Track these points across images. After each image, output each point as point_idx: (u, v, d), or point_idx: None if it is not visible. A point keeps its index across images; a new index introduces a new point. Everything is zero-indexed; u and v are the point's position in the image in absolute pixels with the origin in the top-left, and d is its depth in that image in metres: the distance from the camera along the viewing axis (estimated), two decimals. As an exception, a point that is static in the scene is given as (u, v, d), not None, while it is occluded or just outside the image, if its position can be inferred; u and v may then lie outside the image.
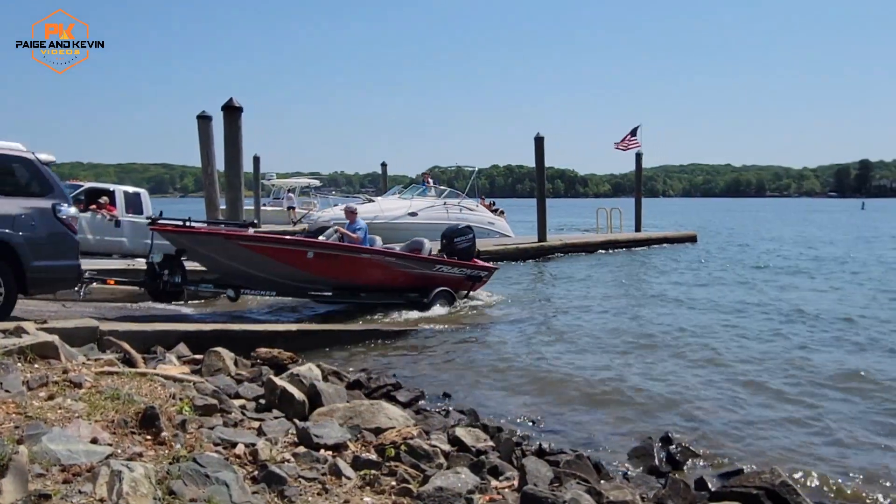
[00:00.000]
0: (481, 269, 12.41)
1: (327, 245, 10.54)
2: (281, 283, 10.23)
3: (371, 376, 6.99)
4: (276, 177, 39.92)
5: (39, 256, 7.33)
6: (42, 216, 7.40)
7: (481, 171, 26.43)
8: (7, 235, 7.07)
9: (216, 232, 9.99)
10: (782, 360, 8.34)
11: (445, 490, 3.58)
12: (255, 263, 9.80)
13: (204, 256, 10.01)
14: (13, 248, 7.13)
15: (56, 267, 7.56)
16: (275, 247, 10.01)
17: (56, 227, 7.53)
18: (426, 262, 11.57)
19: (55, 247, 7.51)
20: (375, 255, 11.01)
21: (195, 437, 4.08)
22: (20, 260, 7.17)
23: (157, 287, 9.95)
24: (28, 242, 7.22)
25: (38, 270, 7.34)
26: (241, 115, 13.48)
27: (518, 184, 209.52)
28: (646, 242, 25.13)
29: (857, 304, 12.53)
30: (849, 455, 5.32)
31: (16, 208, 7.22)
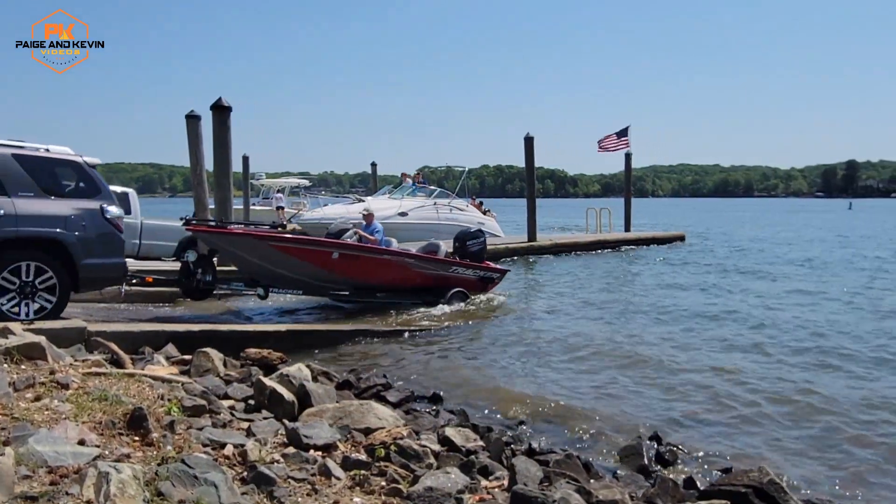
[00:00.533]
0: (493, 271, 12.94)
1: (351, 246, 11.02)
2: (307, 282, 10.67)
3: (361, 376, 6.99)
4: (265, 176, 39.79)
5: (90, 255, 7.70)
6: (91, 216, 7.79)
7: (471, 171, 26.43)
8: (60, 235, 7.47)
9: (249, 233, 10.40)
10: (770, 360, 8.39)
11: (435, 490, 3.58)
12: (283, 263, 10.24)
13: (236, 256, 10.42)
14: (66, 247, 7.52)
15: (105, 265, 7.93)
16: (302, 248, 10.45)
17: (104, 227, 7.91)
18: (443, 264, 12.03)
19: (104, 246, 7.89)
20: (395, 257, 11.47)
21: (184, 438, 4.06)
22: (72, 258, 7.55)
23: (190, 285, 10.25)
24: (79, 241, 7.60)
25: (88, 268, 7.70)
26: (231, 115, 13.43)
27: (508, 184, 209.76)
28: (635, 242, 25.20)
29: (843, 310, 12.62)
30: (837, 453, 5.35)
31: (67, 209, 7.63)
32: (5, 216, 7.16)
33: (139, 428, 3.96)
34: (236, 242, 10.11)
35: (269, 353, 7.21)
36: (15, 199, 7.28)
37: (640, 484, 4.64)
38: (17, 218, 7.24)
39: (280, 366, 6.80)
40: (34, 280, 7.33)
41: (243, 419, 4.95)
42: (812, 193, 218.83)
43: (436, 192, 23.01)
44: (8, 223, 7.16)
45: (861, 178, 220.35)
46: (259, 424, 4.72)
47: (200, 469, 3.38)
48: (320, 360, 7.94)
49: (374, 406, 5.25)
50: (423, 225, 21.08)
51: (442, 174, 29.73)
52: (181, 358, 6.80)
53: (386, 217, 20.39)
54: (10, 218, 7.18)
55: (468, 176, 25.47)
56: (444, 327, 10.15)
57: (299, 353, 8.00)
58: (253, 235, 10.27)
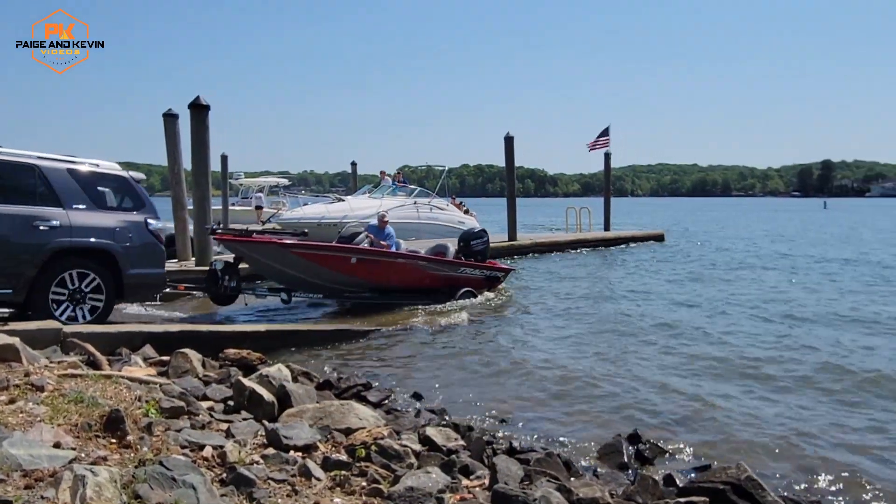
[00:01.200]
0: (499, 271, 13.54)
1: (368, 251, 11.62)
2: (327, 286, 11.24)
3: (341, 376, 6.96)
4: (244, 176, 39.47)
5: (135, 265, 8.23)
6: (136, 229, 8.33)
7: (452, 170, 26.39)
8: (109, 245, 8.01)
9: (273, 241, 10.87)
10: (747, 357, 8.47)
11: (416, 490, 3.58)
12: (306, 269, 10.84)
13: (261, 263, 10.97)
14: (114, 257, 8.05)
15: (148, 274, 8.46)
16: (323, 254, 11.01)
17: (148, 239, 8.45)
18: (452, 265, 12.62)
19: (147, 256, 8.42)
20: (409, 260, 12.08)
21: (161, 440, 4.02)
22: (119, 268, 8.08)
23: (218, 291, 10.66)
24: (126, 252, 8.13)
25: (133, 278, 8.22)
26: (209, 114, 13.32)
27: (488, 183, 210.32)
28: (615, 241, 25.35)
29: (824, 302, 12.77)
30: (814, 450, 5.41)
31: (114, 221, 8.17)
32: (61, 227, 7.67)
33: (116, 430, 3.91)
34: (261, 250, 10.69)
35: (248, 354, 7.15)
36: (69, 211, 7.79)
37: (620, 481, 4.66)
38: (72, 229, 7.75)
39: (260, 366, 6.76)
40: (81, 286, 7.86)
41: (222, 420, 4.90)
42: (788, 193, 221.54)
43: (416, 191, 22.97)
44: (63, 233, 7.68)
45: (836, 177, 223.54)
46: (238, 425, 4.67)
47: (179, 471, 3.34)
48: (300, 360, 7.90)
49: (354, 406, 5.22)
50: (403, 224, 21.00)
51: (422, 174, 29.69)
52: (159, 359, 6.73)
53: (366, 216, 20.35)
54: (65, 228, 7.70)
55: (448, 175, 25.45)
56: (426, 327, 10.14)
57: (279, 354, 7.96)
58: (277, 243, 10.72)
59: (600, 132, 27.64)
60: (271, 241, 10.85)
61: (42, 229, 7.58)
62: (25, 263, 7.48)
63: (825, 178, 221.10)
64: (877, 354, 8.58)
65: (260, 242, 10.75)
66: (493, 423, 5.96)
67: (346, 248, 11.44)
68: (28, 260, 7.50)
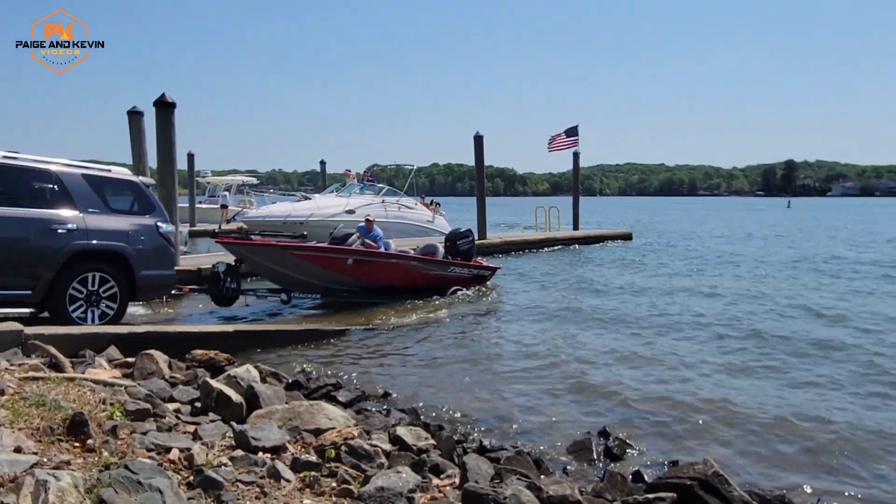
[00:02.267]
0: (485, 269, 14.09)
1: (364, 252, 12.10)
2: (325, 286, 11.74)
3: (310, 377, 6.91)
4: (211, 174, 39.05)
5: (147, 267, 8.49)
6: (148, 232, 8.58)
7: (421, 169, 26.38)
8: (123, 248, 8.25)
9: (273, 243, 11.32)
10: (713, 355, 8.60)
11: (387, 490, 3.56)
12: (305, 270, 11.37)
13: (261, 265, 11.38)
14: (127, 259, 8.29)
15: (159, 276, 8.73)
16: (321, 255, 11.55)
17: (159, 242, 8.71)
18: (442, 265, 13.13)
19: (158, 259, 8.68)
20: (402, 261, 12.62)
21: (127, 443, 3.94)
22: (132, 269, 8.32)
23: (220, 293, 11.00)
24: (138, 254, 8.38)
25: (145, 279, 8.50)
26: (175, 111, 13.12)
27: (458, 182, 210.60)
28: (584, 240, 25.55)
29: (790, 308, 13.01)
30: (779, 444, 5.51)
31: (127, 225, 8.42)
32: (78, 230, 7.90)
33: (79, 434, 3.83)
34: (262, 252, 11.14)
35: (215, 355, 7.06)
36: (85, 214, 8.03)
37: (589, 478, 4.70)
38: (88, 232, 7.99)
39: (227, 367, 6.68)
40: (98, 289, 8.10)
41: (189, 422, 4.84)
42: (753, 192, 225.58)
43: (384, 190, 22.94)
44: (80, 236, 7.92)
45: (799, 177, 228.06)
46: (206, 427, 4.61)
47: (144, 474, 3.28)
48: (269, 360, 7.83)
49: (324, 406, 5.19)
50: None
51: (392, 172, 29.62)
52: (124, 360, 6.61)
53: (333, 215, 20.27)
54: (82, 232, 7.94)
55: (417, 174, 25.44)
56: (396, 326, 10.12)
57: (247, 354, 7.88)
58: (278, 246, 11.22)
59: (566, 130, 27.79)
60: (272, 243, 11.27)
61: (60, 232, 7.79)
62: (44, 265, 7.69)
63: (788, 177, 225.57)
64: (851, 346, 8.76)
65: (261, 245, 11.19)
66: (464, 422, 5.96)
67: (344, 250, 11.89)
68: (47, 262, 7.70)
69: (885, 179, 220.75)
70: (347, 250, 11.93)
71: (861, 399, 6.72)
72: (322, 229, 18.72)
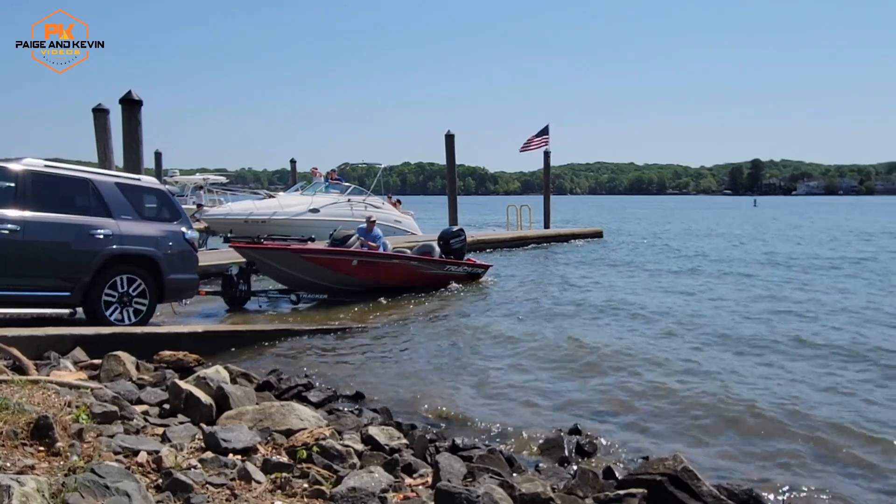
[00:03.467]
0: (478, 267, 14.75)
1: (368, 254, 12.77)
2: (330, 286, 12.26)
3: (281, 377, 6.85)
4: (179, 173, 38.55)
5: (174, 270, 8.89)
6: (175, 237, 9.00)
7: (393, 168, 26.35)
8: (153, 253, 8.67)
9: (283, 247, 11.96)
10: (680, 352, 8.70)
11: (359, 490, 3.54)
12: (312, 272, 11.99)
13: (272, 267, 11.97)
14: (156, 263, 8.69)
15: (185, 279, 9.15)
16: (329, 258, 12.21)
17: (184, 247, 9.12)
18: (439, 264, 13.84)
19: (184, 263, 9.10)
20: (403, 261, 13.34)
21: (93, 447, 3.87)
22: (161, 273, 8.71)
23: (233, 295, 11.56)
24: (167, 259, 8.79)
25: (173, 282, 8.90)
26: (141, 109, 12.92)
27: (429, 181, 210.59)
28: (555, 239, 25.70)
29: (751, 302, 13.21)
30: (747, 440, 5.60)
31: (157, 231, 8.84)
32: (112, 235, 8.32)
33: (44, 437, 3.75)
34: (273, 256, 11.76)
35: (184, 356, 6.97)
36: (119, 221, 8.45)
37: (561, 476, 4.72)
38: (122, 237, 8.40)
39: (197, 368, 6.59)
40: (129, 290, 8.50)
41: (158, 424, 4.77)
42: (720, 191, 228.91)
43: (350, 188, 22.83)
44: (114, 241, 8.33)
45: (765, 176, 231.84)
46: (175, 429, 4.55)
47: (112, 478, 3.22)
48: (239, 361, 7.76)
49: (295, 407, 5.15)
50: (335, 222, 20.87)
51: (362, 171, 29.53)
52: (90, 362, 6.49)
53: (297, 213, 20.14)
54: (116, 237, 8.35)
55: (387, 173, 25.36)
56: (368, 326, 10.08)
57: (218, 355, 7.79)
58: (289, 249, 11.86)
59: (538, 132, 27.96)
60: (284, 247, 11.96)
61: (97, 237, 8.22)
62: (83, 268, 8.10)
63: (755, 176, 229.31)
64: (815, 341, 8.92)
65: (273, 249, 11.82)
66: (437, 421, 5.96)
67: (349, 252, 12.53)
68: (85, 265, 8.11)
69: (848, 178, 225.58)
70: (352, 252, 12.57)
71: (827, 394, 6.85)
72: (285, 228, 18.59)
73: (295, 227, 18.93)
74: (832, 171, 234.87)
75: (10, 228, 7.55)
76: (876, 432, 5.72)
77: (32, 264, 7.77)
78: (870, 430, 5.76)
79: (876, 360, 8.18)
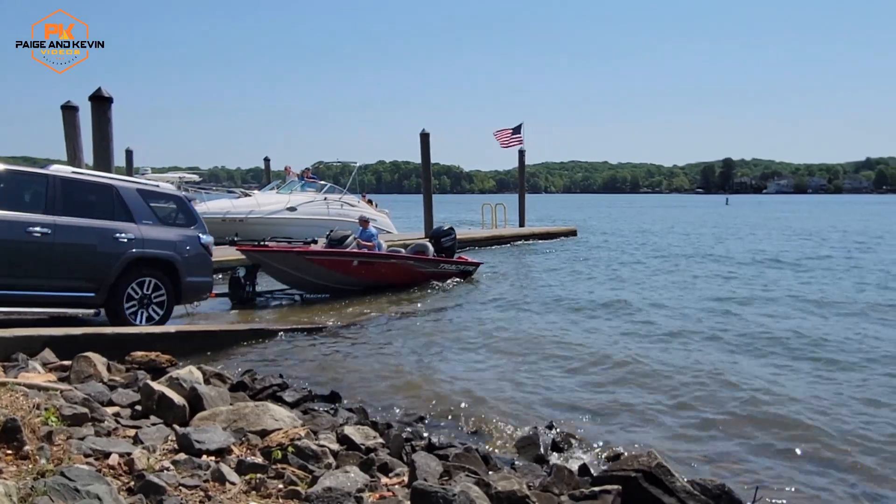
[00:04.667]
0: (469, 265, 15.37)
1: (368, 255, 13.28)
2: (331, 286, 12.79)
3: (256, 377, 6.79)
4: (150, 171, 38.04)
5: (191, 273, 9.25)
6: (192, 242, 9.36)
7: (368, 166, 26.25)
8: (172, 257, 9.04)
9: (288, 249, 12.40)
10: (653, 349, 8.78)
11: (335, 490, 3.52)
12: (315, 273, 12.49)
13: (277, 269, 12.44)
14: (175, 266, 9.04)
15: (201, 282, 9.51)
16: (330, 259, 12.69)
17: (200, 250, 9.46)
18: (433, 262, 14.41)
19: (200, 266, 9.44)
20: (400, 260, 13.93)
21: (63, 450, 3.81)
22: (179, 276, 9.07)
23: (241, 295, 12.05)
24: (184, 262, 9.15)
25: (190, 284, 9.26)
26: (112, 106, 12.71)
27: (405, 180, 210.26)
28: (530, 237, 25.79)
29: (731, 295, 13.38)
30: (720, 435, 5.67)
31: (175, 235, 9.19)
32: (135, 239, 8.66)
33: (12, 441, 3.68)
34: (279, 258, 12.24)
35: (157, 356, 6.88)
36: (140, 225, 8.80)
37: (537, 473, 4.74)
38: (144, 241, 8.75)
39: (169, 369, 6.51)
40: (149, 291, 8.82)
41: (130, 426, 4.70)
42: (693, 190, 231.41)
43: (325, 187, 22.76)
44: (137, 245, 8.68)
45: (736, 175, 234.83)
46: (147, 431, 4.49)
47: (82, 481, 3.17)
48: (213, 361, 7.68)
49: (270, 407, 5.11)
50: (312, 220, 20.80)
51: (337, 169, 29.39)
52: (60, 364, 6.38)
53: (274, 212, 20.05)
54: (138, 241, 8.69)
55: (362, 172, 25.29)
56: (344, 325, 10.04)
57: (191, 356, 7.70)
58: (294, 252, 12.30)
59: (512, 129, 28.03)
60: (289, 249, 12.42)
61: (122, 241, 8.55)
62: (107, 270, 8.43)
63: (726, 175, 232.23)
64: (785, 336, 9.05)
65: (278, 251, 12.31)
66: (413, 421, 5.95)
67: (350, 254, 13.07)
68: (110, 267, 8.44)
69: (817, 177, 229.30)
70: (354, 254, 13.13)
71: (795, 389, 6.95)
72: (262, 227, 18.48)
73: (272, 226, 18.84)
74: (802, 170, 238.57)
75: (41, 231, 7.88)
76: (843, 426, 5.83)
77: (61, 266, 8.08)
78: (837, 425, 5.87)
79: (838, 354, 8.32)
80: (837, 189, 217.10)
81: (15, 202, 7.96)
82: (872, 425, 5.89)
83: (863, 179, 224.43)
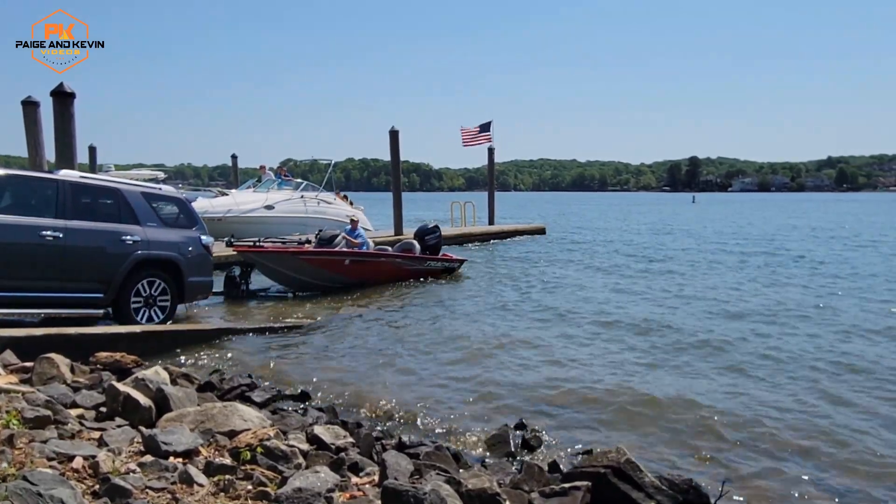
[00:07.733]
0: (454, 262, 15.85)
1: (359, 254, 13.81)
2: (323, 284, 13.11)
3: (224, 377, 6.73)
4: (114, 168, 37.45)
5: (193, 273, 9.56)
6: (194, 243, 9.68)
7: (337, 164, 25.98)
8: (176, 257, 9.34)
9: (282, 250, 12.85)
10: (620, 348, 8.87)
11: (304, 490, 3.50)
12: (308, 272, 12.88)
13: (271, 269, 12.82)
14: (178, 267, 9.35)
15: (202, 282, 9.84)
16: (323, 258, 13.06)
17: (202, 251, 9.79)
18: (420, 260, 14.89)
19: (201, 266, 9.78)
20: (389, 259, 14.41)
21: (25, 453, 3.73)
22: (182, 276, 9.37)
23: (237, 294, 12.44)
24: (187, 262, 9.46)
25: (192, 284, 9.58)
26: (74, 102, 12.46)
27: (374, 177, 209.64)
28: (499, 235, 25.86)
29: (694, 302, 13.56)
30: (687, 432, 5.75)
31: (178, 237, 9.50)
32: (141, 241, 8.94)
33: (-28, 444, 3.59)
34: (273, 258, 12.62)
35: (122, 357, 6.76)
36: (145, 228, 9.09)
37: (507, 470, 4.76)
38: (149, 243, 9.04)
39: (135, 369, 6.41)
40: (153, 291, 9.11)
41: (94, 428, 4.61)
42: (659, 188, 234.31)
43: (303, 185, 22.61)
44: (143, 246, 8.97)
45: (702, 173, 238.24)
46: (112, 433, 4.41)
47: (45, 485, 3.10)
48: (180, 361, 7.58)
49: (238, 407, 5.05)
50: (290, 218, 20.67)
51: (306, 167, 29.16)
52: (22, 365, 6.23)
53: (251, 210, 19.88)
54: (144, 242, 8.98)
55: (334, 169, 25.15)
56: (313, 324, 9.97)
57: (157, 356, 7.61)
58: (289, 252, 12.75)
59: (480, 126, 28.07)
60: (283, 250, 12.86)
61: (128, 243, 8.83)
62: (115, 271, 8.69)
63: (692, 173, 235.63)
64: (747, 336, 9.21)
65: (273, 252, 12.68)
66: (383, 419, 5.94)
67: (342, 253, 13.48)
68: (117, 268, 8.71)
69: (781, 175, 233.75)
70: (346, 253, 13.53)
71: (760, 386, 7.09)
72: (240, 225, 18.31)
73: (250, 225, 18.69)
74: (766, 169, 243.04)
75: (53, 235, 8.13)
76: (811, 421, 5.95)
77: (72, 268, 8.31)
78: (805, 420, 5.99)
79: (796, 357, 8.50)
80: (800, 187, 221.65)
81: (27, 207, 8.22)
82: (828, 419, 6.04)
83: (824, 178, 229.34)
